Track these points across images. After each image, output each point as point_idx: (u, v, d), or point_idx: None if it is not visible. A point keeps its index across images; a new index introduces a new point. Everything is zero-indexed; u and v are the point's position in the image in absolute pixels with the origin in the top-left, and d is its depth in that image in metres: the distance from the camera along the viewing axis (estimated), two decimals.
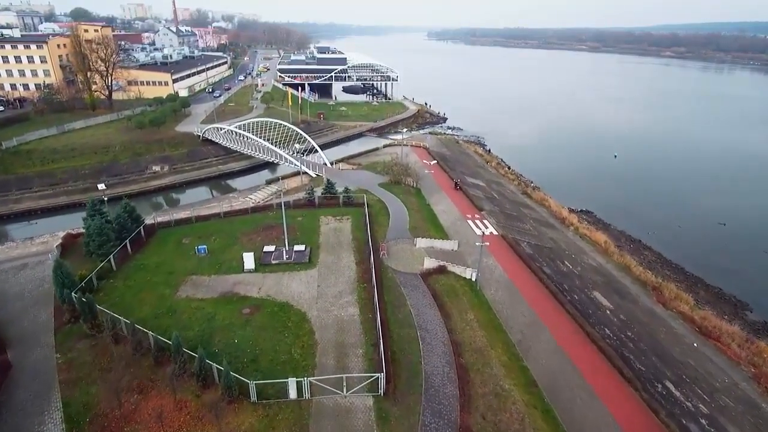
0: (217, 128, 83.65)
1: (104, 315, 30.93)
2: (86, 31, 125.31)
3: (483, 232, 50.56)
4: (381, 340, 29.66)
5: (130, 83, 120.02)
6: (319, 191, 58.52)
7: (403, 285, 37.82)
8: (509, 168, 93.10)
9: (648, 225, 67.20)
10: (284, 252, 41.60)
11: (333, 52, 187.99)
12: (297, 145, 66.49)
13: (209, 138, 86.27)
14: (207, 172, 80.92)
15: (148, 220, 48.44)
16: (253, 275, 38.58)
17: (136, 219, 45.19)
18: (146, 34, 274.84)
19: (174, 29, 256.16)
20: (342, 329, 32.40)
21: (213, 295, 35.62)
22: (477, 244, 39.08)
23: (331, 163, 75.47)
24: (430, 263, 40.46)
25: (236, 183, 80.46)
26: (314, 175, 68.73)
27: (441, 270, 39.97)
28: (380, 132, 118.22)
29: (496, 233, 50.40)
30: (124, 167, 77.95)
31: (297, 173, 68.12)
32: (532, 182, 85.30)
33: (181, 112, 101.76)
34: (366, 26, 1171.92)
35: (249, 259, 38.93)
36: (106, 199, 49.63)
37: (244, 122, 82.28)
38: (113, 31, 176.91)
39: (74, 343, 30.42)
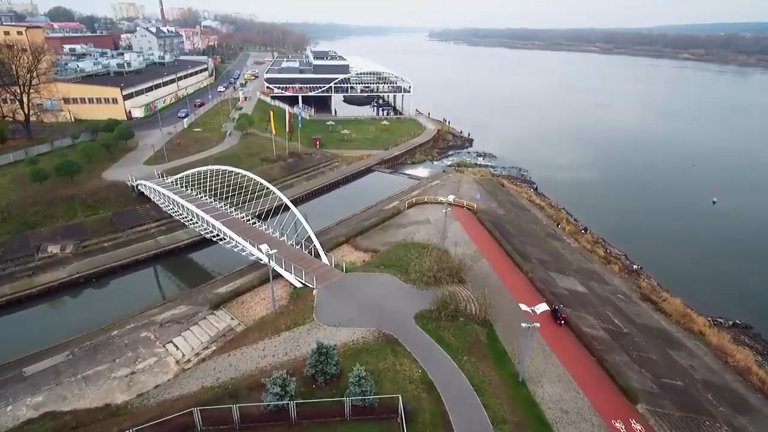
0: (150, 184, 54.78)
1: None
2: (7, 33, 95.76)
3: None
4: None
5: (67, 102, 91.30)
6: (304, 353, 29.74)
7: None
8: (586, 230, 64.37)
9: None
10: None
11: (333, 57, 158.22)
12: (264, 248, 34.91)
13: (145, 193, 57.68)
14: (136, 251, 51.93)
15: None
16: None
17: None
18: (127, 35, 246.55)
19: (154, 29, 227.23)
20: None
21: None
22: None
23: (326, 250, 46.02)
24: None
25: (188, 262, 52.39)
26: (299, 285, 39.65)
27: None
28: (394, 165, 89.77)
29: None
30: (0, 250, 49.10)
31: (267, 279, 38.60)
32: (629, 260, 56.91)
33: (120, 146, 72.84)
34: (366, 26, 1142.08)
35: None
36: None
37: (187, 172, 53.68)
38: (38, 32, 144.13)
39: None
